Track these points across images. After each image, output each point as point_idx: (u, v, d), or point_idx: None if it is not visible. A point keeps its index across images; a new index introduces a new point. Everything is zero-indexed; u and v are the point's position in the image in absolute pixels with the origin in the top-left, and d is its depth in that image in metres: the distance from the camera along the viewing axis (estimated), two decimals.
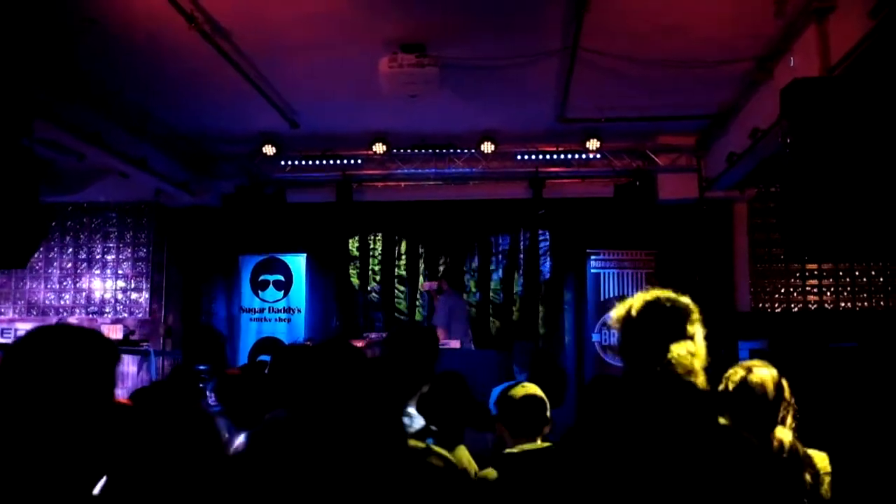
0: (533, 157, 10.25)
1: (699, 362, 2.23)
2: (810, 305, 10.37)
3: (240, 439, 3.67)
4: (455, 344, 8.65)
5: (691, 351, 2.22)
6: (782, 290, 10.47)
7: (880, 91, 5.14)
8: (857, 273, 10.29)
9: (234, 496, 2.01)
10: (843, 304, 10.30)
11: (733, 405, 3.09)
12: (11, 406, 1.72)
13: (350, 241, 11.44)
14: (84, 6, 6.38)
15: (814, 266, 10.30)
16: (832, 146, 5.08)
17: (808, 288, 10.41)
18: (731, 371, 3.20)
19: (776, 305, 10.46)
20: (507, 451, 3.48)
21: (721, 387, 3.16)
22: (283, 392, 3.54)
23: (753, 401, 3.08)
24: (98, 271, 11.66)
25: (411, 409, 2.92)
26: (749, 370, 3.17)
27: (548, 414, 3.65)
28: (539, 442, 3.56)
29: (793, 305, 10.42)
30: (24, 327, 11.17)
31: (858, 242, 5.20)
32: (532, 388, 3.67)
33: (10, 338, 11.17)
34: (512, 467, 3.31)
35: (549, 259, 11.15)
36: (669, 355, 2.19)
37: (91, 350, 1.82)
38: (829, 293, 10.35)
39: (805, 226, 5.15)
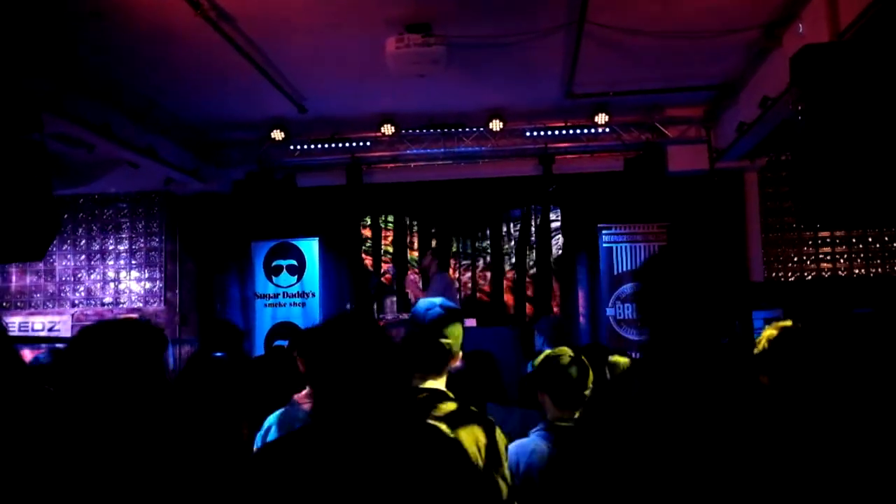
0: (542, 133, 10.24)
1: None
2: (824, 273, 10.35)
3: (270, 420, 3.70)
4: (471, 322, 8.68)
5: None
6: (795, 259, 10.45)
7: (891, 55, 5.10)
8: (870, 239, 10.25)
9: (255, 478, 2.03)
10: (857, 271, 10.28)
11: (771, 364, 3.12)
12: (82, 396, 1.78)
13: (361, 223, 11.48)
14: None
15: (826, 233, 10.27)
16: (844, 112, 5.05)
17: (821, 256, 10.39)
18: (765, 333, 3.24)
19: (790, 274, 10.44)
20: (560, 423, 3.43)
21: (757, 349, 3.19)
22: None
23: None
24: (111, 262, 11.71)
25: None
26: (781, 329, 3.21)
27: (590, 382, 3.50)
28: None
29: (806, 274, 10.40)
30: (41, 320, 11.28)
31: (872, 208, 5.17)
32: (572, 353, 3.54)
33: (26, 331, 11.27)
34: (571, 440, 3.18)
35: (560, 235, 11.15)
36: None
37: (144, 340, 1.87)
38: (842, 260, 10.33)
39: (818, 193, 5.13)
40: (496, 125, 9.78)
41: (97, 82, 8.03)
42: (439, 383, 2.92)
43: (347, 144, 10.48)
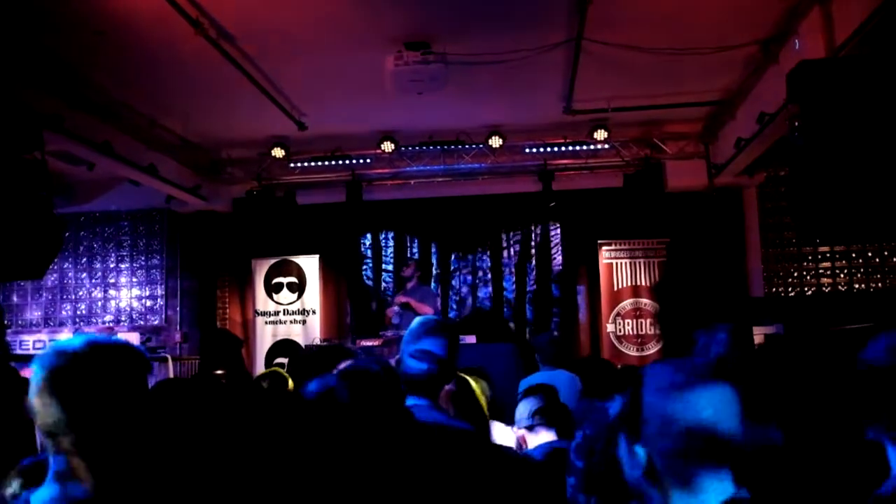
0: (541, 149, 10.26)
1: None
2: (824, 288, 10.35)
3: None
4: (471, 339, 8.67)
5: None
6: (795, 274, 10.45)
7: (888, 70, 5.13)
8: (869, 254, 10.25)
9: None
10: (856, 286, 10.27)
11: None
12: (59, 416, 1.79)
13: (362, 240, 11.50)
14: (92, 20, 6.45)
15: (826, 248, 10.27)
16: (841, 127, 5.06)
17: (821, 271, 10.38)
18: None
19: (790, 289, 10.44)
20: None
21: None
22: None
23: None
24: (113, 280, 11.74)
25: None
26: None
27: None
28: None
29: (806, 289, 10.40)
30: (41, 338, 11.27)
31: (871, 223, 5.19)
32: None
33: (27, 349, 11.26)
34: None
35: (560, 251, 11.16)
36: None
37: (126, 363, 1.88)
38: (842, 275, 10.33)
39: (816, 208, 5.14)
40: (496, 142, 9.78)
41: (98, 100, 8.07)
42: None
43: (347, 161, 10.50)
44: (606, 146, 10.14)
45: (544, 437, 3.84)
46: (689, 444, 1.54)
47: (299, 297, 11.05)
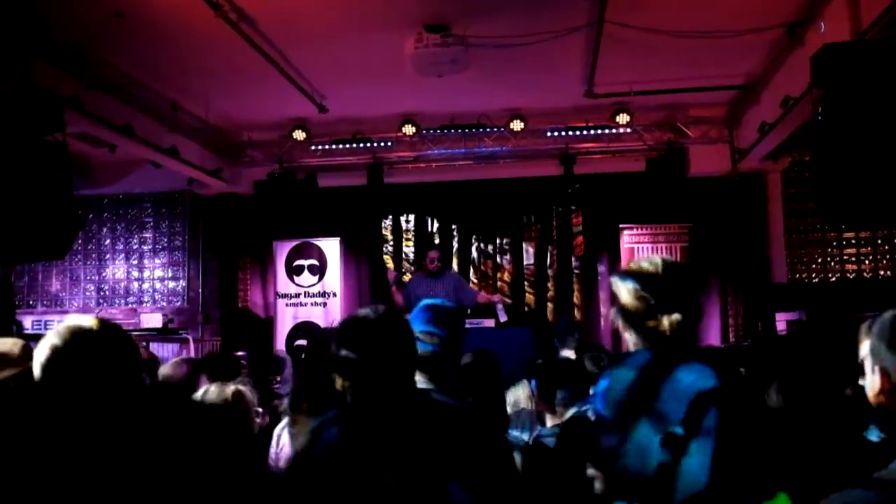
0: (563, 133, 10.20)
1: None
2: (848, 275, 10.24)
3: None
4: (489, 323, 8.66)
5: None
6: (819, 260, 10.34)
7: None
8: (895, 240, 10.13)
9: None
10: (882, 273, 10.16)
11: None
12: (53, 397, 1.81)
13: (382, 223, 11.50)
14: (112, 1, 6.47)
15: (851, 234, 10.15)
16: (865, 111, 4.99)
17: (845, 257, 10.28)
18: None
19: (813, 276, 10.34)
20: None
21: None
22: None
23: None
24: (136, 261, 11.83)
25: None
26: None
27: None
28: None
29: (830, 275, 10.30)
30: (62, 320, 11.37)
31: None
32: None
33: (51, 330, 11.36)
34: None
35: (582, 235, 11.11)
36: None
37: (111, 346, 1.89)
38: (867, 262, 10.21)
39: (840, 193, 5.08)
40: (517, 125, 9.74)
41: (119, 82, 8.09)
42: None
43: (368, 144, 10.50)
44: (629, 130, 10.04)
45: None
46: None
47: (320, 279, 11.06)
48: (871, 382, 1.75)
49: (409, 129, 9.86)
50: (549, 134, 10.23)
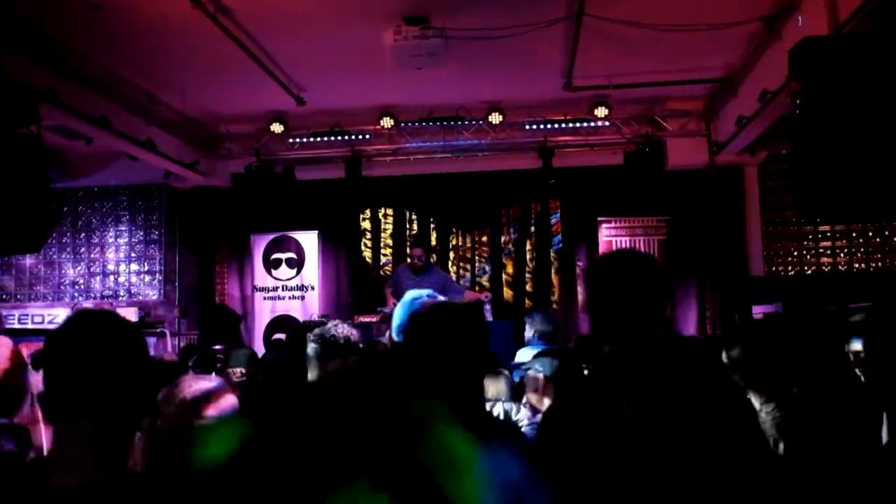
0: (541, 126, 10.21)
1: None
2: (824, 267, 10.34)
3: None
4: None
5: None
6: (795, 254, 10.43)
7: (891, 47, 5.08)
8: (870, 234, 10.24)
9: None
10: (856, 266, 10.26)
11: None
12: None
13: (361, 216, 11.48)
14: None
15: (826, 228, 10.25)
16: (843, 105, 5.02)
17: (821, 250, 10.37)
18: None
19: (789, 268, 10.43)
20: None
21: None
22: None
23: None
24: (111, 255, 11.73)
25: None
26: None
27: None
28: None
29: (806, 268, 10.39)
30: (40, 313, 11.28)
31: (871, 202, 5.16)
32: None
33: (26, 323, 11.26)
34: None
35: (560, 228, 11.13)
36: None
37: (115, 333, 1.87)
38: (842, 255, 10.31)
39: (817, 187, 5.11)
40: (496, 118, 9.74)
41: (96, 75, 8.01)
42: None
43: (347, 137, 10.45)
44: (607, 123, 10.07)
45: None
46: None
47: (298, 272, 11.03)
48: None
49: (387, 122, 9.84)
50: (527, 127, 10.23)
